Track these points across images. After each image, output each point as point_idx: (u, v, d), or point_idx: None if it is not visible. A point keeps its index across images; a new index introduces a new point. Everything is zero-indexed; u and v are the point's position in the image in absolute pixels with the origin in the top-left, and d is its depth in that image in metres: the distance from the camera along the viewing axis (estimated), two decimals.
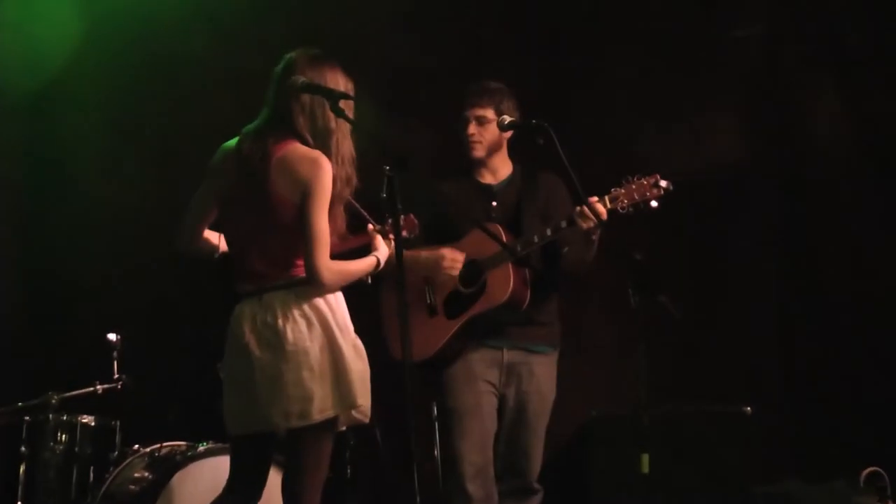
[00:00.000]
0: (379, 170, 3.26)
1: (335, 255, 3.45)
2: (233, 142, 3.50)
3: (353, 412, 3.41)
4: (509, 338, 4.27)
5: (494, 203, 4.34)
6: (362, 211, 3.60)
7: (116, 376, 5.06)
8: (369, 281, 3.60)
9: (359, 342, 3.45)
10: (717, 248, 5.76)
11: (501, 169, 4.40)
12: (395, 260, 3.21)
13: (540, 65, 5.84)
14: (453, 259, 4.20)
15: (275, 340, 3.34)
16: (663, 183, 4.00)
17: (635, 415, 4.06)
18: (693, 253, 5.72)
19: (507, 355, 4.28)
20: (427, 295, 4.27)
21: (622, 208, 4.02)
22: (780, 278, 5.76)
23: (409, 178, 3.27)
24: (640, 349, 3.86)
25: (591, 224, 3.99)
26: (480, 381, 4.25)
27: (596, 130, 5.70)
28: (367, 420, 3.48)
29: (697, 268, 5.71)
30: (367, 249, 3.59)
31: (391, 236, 3.64)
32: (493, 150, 4.35)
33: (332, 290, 3.39)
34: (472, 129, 4.30)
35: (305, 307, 3.36)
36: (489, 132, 4.30)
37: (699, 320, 5.29)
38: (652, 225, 5.17)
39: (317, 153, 3.36)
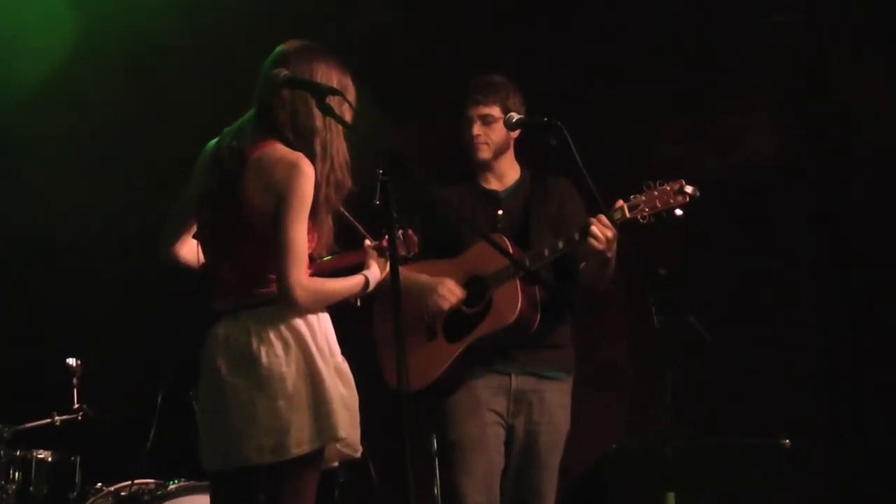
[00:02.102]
0: (372, 175, 3.28)
1: (325, 273, 3.49)
2: (216, 141, 3.54)
3: (339, 446, 3.43)
4: (518, 362, 4.31)
5: (500, 211, 4.37)
6: (357, 224, 3.61)
7: (77, 406, 5.09)
8: (358, 303, 3.61)
9: (344, 366, 3.47)
10: (751, 261, 5.78)
11: (509, 173, 4.44)
12: (391, 276, 3.21)
13: (551, 57, 5.88)
14: (450, 291, 4.25)
15: (248, 364, 3.36)
16: (689, 189, 4.02)
17: (659, 448, 4.10)
18: (724, 266, 5.75)
19: (516, 381, 4.32)
20: (425, 315, 4.31)
21: (643, 217, 4.05)
22: (824, 294, 5.78)
23: (406, 184, 3.31)
24: (665, 375, 3.90)
25: (610, 234, 4.03)
26: (486, 410, 4.28)
27: (615, 130, 5.73)
28: (356, 454, 3.50)
29: (729, 283, 5.74)
30: (360, 268, 3.60)
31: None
32: (499, 151, 4.38)
33: (309, 312, 3.41)
34: (477, 129, 4.33)
35: (282, 328, 3.37)
36: (496, 132, 4.33)
37: (731, 342, 5.32)
38: (678, 235, 5.22)
39: (297, 155, 3.38)
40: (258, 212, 3.37)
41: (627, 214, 4.06)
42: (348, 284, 3.52)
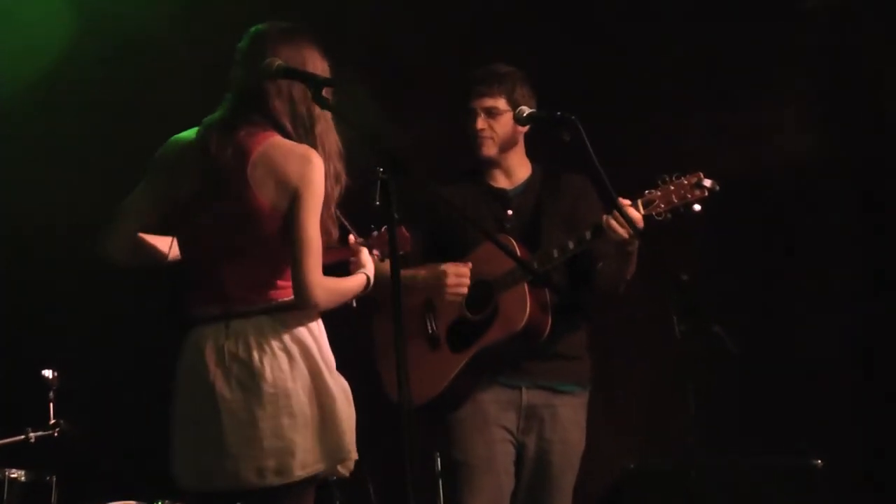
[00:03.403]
0: (369, 172, 3.27)
1: None
2: (188, 133, 3.48)
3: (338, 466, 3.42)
4: (529, 375, 4.30)
5: (510, 211, 4.37)
6: (343, 219, 3.59)
7: (52, 421, 5.08)
8: (354, 304, 3.60)
9: (342, 380, 3.45)
10: (782, 267, 5.78)
11: (518, 170, 4.44)
12: (391, 280, 3.18)
13: (564, 46, 5.88)
14: (458, 274, 4.21)
15: (249, 379, 3.33)
16: (707, 182, 4.01)
17: (681, 469, 4.10)
18: (752, 272, 5.74)
19: (527, 396, 4.31)
20: (427, 323, 4.30)
21: (658, 214, 4.04)
22: (860, 303, 5.77)
23: (406, 182, 3.29)
24: (688, 389, 3.89)
25: (625, 234, 4.01)
26: (494, 427, 4.28)
27: (634, 124, 5.73)
28: (346, 474, 3.48)
29: (757, 290, 5.73)
30: (345, 265, 3.60)
31: (376, 252, 3.67)
32: (507, 146, 4.37)
33: (321, 312, 3.40)
34: (482, 123, 4.33)
35: (286, 338, 3.35)
36: (502, 126, 4.33)
37: (760, 354, 5.30)
38: (702, 238, 5.22)
39: (305, 147, 3.36)
40: (268, 213, 3.33)
41: (642, 211, 4.05)
42: (353, 284, 3.52)
